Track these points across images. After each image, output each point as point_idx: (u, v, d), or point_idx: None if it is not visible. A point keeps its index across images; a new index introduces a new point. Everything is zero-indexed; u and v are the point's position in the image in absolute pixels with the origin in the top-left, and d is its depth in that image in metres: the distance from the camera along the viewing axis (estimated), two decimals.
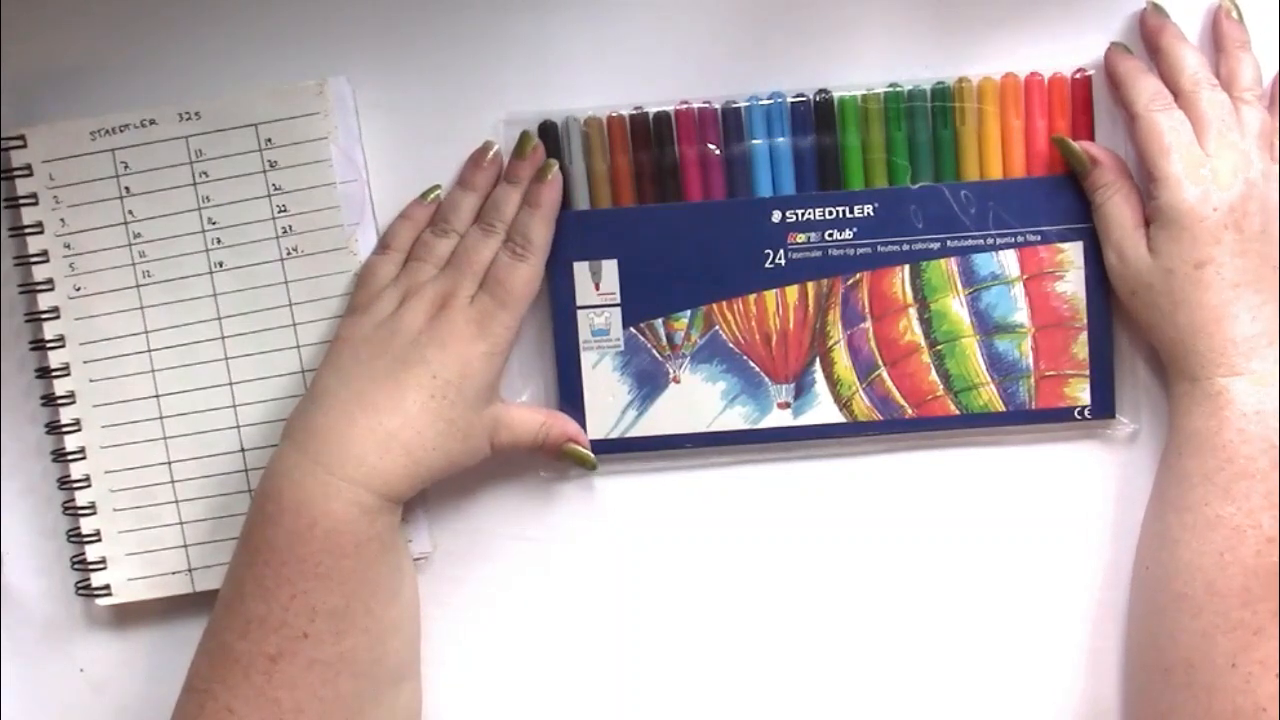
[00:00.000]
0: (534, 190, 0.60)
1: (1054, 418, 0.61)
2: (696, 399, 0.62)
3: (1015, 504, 0.62)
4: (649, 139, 0.61)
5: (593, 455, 0.62)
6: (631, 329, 0.62)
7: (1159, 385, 0.61)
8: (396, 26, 0.63)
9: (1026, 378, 0.61)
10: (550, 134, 0.61)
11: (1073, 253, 0.61)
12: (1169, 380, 0.59)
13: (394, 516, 0.58)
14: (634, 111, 0.61)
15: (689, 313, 0.61)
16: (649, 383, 0.62)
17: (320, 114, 0.62)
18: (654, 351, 0.62)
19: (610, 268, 0.61)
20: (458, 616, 0.64)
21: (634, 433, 0.62)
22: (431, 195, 0.62)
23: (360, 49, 0.63)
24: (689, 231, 0.61)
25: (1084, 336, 0.61)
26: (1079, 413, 0.61)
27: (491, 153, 0.61)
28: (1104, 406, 0.61)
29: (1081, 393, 0.61)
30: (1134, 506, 0.61)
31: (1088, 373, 0.61)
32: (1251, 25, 0.60)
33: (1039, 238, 0.61)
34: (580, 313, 0.62)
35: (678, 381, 0.62)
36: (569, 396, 0.62)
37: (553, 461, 0.62)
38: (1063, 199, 0.60)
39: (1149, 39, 0.61)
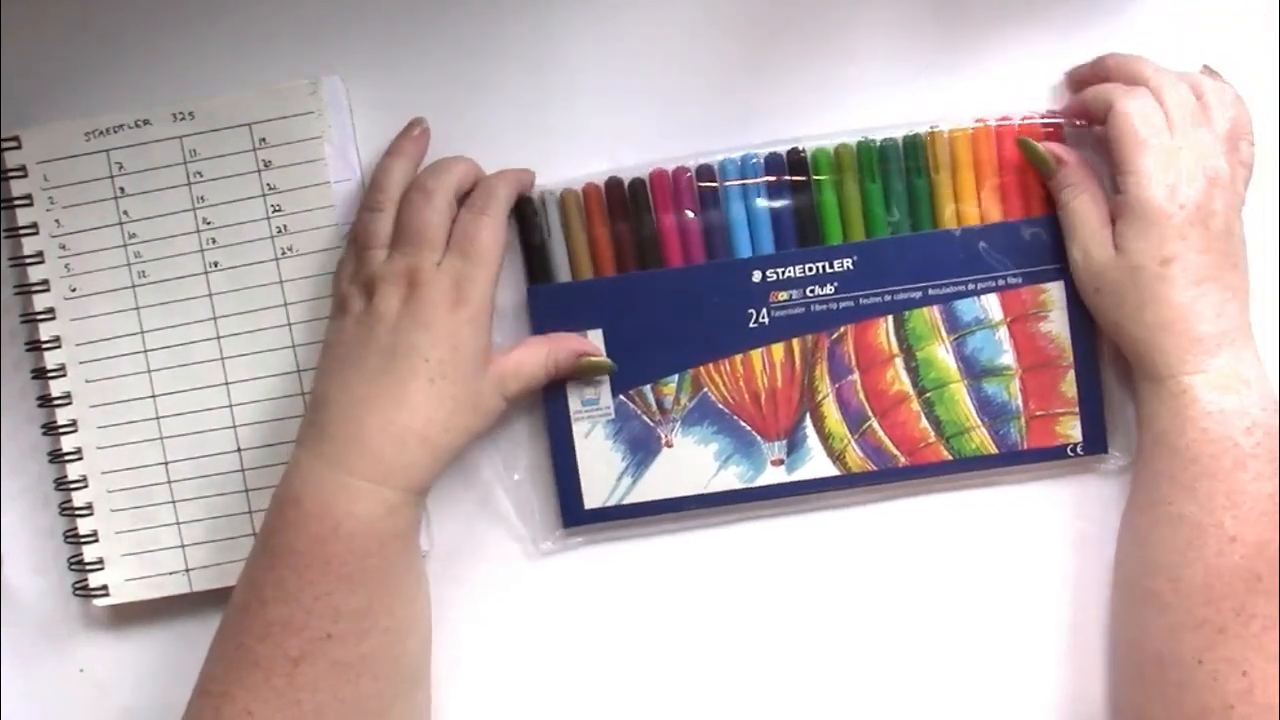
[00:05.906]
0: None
1: (1047, 456, 0.62)
2: (690, 462, 0.62)
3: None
4: (626, 208, 0.61)
5: (609, 360, 0.61)
6: (621, 396, 0.62)
7: None
8: (390, 25, 0.63)
9: (1017, 419, 0.61)
10: (527, 209, 0.62)
11: (1055, 292, 0.61)
12: (1135, 381, 0.59)
13: (416, 510, 0.58)
14: (609, 179, 0.61)
15: (677, 377, 0.62)
16: (642, 449, 0.62)
17: (314, 113, 0.62)
18: (644, 417, 0.62)
19: (596, 338, 0.62)
20: (455, 615, 0.63)
21: (630, 499, 0.62)
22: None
23: (354, 48, 0.63)
24: (672, 296, 0.61)
25: (1071, 374, 0.61)
26: (1071, 450, 0.61)
27: (419, 128, 0.62)
28: (1096, 442, 0.61)
29: (1073, 430, 0.61)
30: None
31: (1077, 410, 0.61)
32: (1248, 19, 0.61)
33: (1020, 279, 0.61)
34: (569, 384, 0.62)
35: (670, 445, 0.62)
36: (563, 467, 0.62)
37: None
38: (1042, 239, 0.60)
39: (1096, 69, 0.61)
